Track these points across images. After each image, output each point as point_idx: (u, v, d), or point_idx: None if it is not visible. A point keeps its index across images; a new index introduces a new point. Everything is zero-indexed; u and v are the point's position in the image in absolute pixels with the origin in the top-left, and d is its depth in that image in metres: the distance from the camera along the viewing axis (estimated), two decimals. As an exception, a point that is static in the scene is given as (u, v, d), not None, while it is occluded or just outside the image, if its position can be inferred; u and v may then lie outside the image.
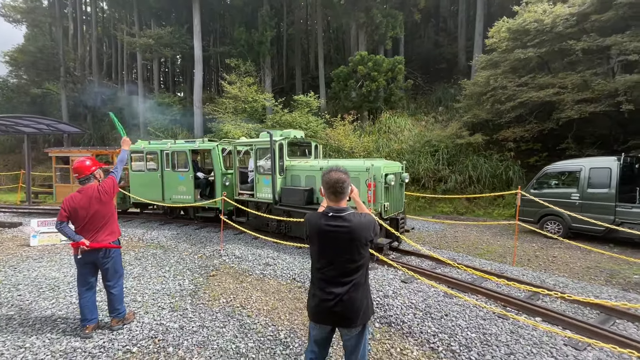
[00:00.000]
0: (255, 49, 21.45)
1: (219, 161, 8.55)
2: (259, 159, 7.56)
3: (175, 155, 9.07)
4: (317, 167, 6.88)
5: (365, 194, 5.84)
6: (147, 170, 9.51)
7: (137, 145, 9.85)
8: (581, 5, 10.51)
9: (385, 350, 3.38)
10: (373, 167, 5.83)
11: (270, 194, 7.22)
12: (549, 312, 3.83)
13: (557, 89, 11.08)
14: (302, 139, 7.96)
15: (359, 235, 2.05)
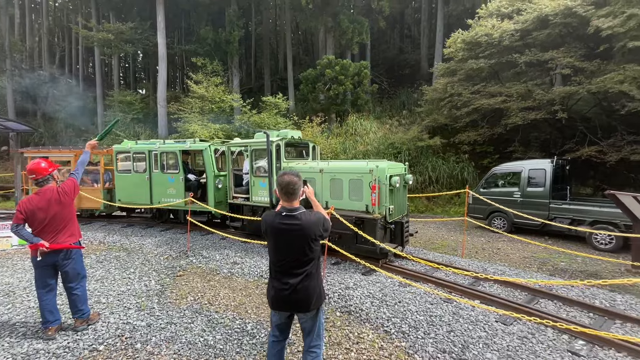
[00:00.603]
0: (223, 49, 21.19)
1: (212, 162, 8.17)
2: (254, 160, 7.20)
3: (164, 156, 8.68)
4: (317, 168, 6.48)
5: (368, 196, 5.64)
6: (134, 171, 9.09)
7: (123, 145, 9.46)
8: (524, 22, 11.68)
9: (344, 335, 3.72)
10: (377, 168, 5.57)
11: (266, 197, 6.83)
12: (485, 295, 4.39)
13: (504, 97, 12.19)
14: (300, 139, 7.59)
15: (309, 231, 2.33)
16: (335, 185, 6.15)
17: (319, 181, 6.37)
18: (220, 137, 15.08)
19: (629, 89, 9.34)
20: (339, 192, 6.10)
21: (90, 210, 9.99)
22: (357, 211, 5.75)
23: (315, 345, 2.53)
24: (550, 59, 11.28)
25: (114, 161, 9.28)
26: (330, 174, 6.22)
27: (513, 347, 3.32)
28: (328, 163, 6.56)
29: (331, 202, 6.11)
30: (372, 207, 5.58)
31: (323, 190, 6.31)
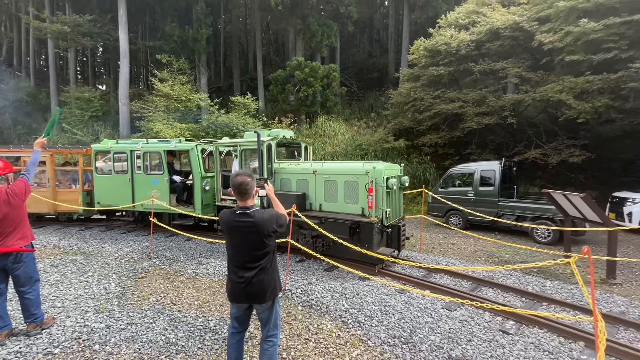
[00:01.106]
0: (190, 46, 20.69)
1: (199, 163, 7.86)
2: (244, 160, 6.92)
3: (147, 156, 8.26)
4: (310, 170, 6.20)
5: (364, 199, 5.44)
6: (114, 172, 8.60)
7: (103, 145, 8.93)
8: (478, 34, 12.59)
9: (304, 327, 3.92)
10: (374, 170, 5.36)
11: (257, 199, 6.80)
12: (435, 285, 4.80)
13: (462, 103, 13.05)
14: (291, 139, 7.32)
15: (262, 228, 2.50)
16: (329, 187, 5.94)
17: (312, 183, 6.16)
18: (187, 136, 14.76)
19: (567, 98, 10.41)
20: (333, 194, 5.89)
21: (68, 213, 9.37)
22: (353, 214, 5.55)
23: (272, 335, 2.71)
24: (501, 68, 12.25)
25: (93, 161, 8.80)
26: (324, 176, 5.98)
27: (454, 330, 3.70)
28: (322, 164, 6.27)
29: (325, 205, 5.98)
30: (369, 210, 5.38)
31: (317, 193, 6.12)
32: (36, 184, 9.47)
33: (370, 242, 5.18)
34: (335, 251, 5.49)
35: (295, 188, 6.38)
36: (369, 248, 5.10)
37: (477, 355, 3.24)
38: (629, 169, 12.71)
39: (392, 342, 3.54)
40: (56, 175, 9.33)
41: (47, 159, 9.08)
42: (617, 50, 9.66)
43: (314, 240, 5.85)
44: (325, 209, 6.00)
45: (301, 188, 6.30)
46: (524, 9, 12.05)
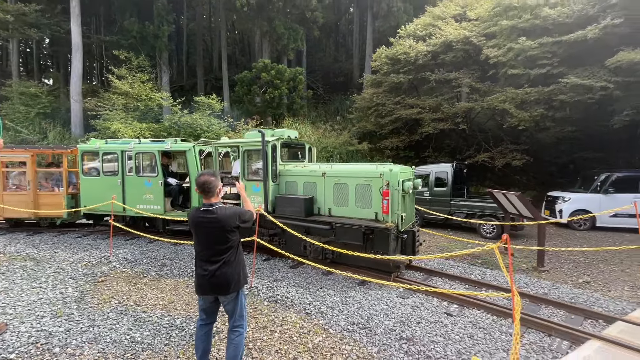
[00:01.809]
0: (150, 43, 19.91)
1: (196, 165, 7.46)
2: (246, 162, 6.45)
3: (140, 157, 7.78)
4: (319, 172, 5.83)
5: (378, 203, 5.14)
6: (103, 174, 8.06)
7: (90, 145, 8.29)
8: (434, 45, 13.54)
9: (270, 320, 4.13)
10: (391, 172, 5.06)
11: (261, 203, 6.19)
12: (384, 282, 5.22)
13: (419, 109, 13.93)
14: (296, 139, 6.95)
15: (224, 223, 2.69)
16: (339, 190, 5.62)
17: (320, 186, 5.84)
18: (147, 136, 14.25)
19: (509, 108, 11.57)
20: (343, 198, 5.57)
21: (50, 218, 8.65)
22: (366, 219, 5.24)
23: (238, 325, 2.89)
24: (454, 78, 13.29)
25: (79, 162, 8.21)
26: (333, 179, 5.67)
27: (406, 315, 4.12)
28: (331, 166, 5.96)
29: (335, 209, 5.68)
30: (383, 215, 5.06)
31: (326, 196, 5.79)
32: (15, 186, 8.76)
33: (386, 249, 4.87)
34: (346, 259, 5.20)
35: (302, 191, 6.01)
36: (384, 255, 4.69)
37: (424, 335, 3.67)
38: (564, 171, 14.35)
39: (351, 328, 3.87)
40: (37, 177, 8.62)
41: (27, 159, 8.39)
42: (550, 67, 10.95)
43: (323, 248, 5.51)
44: (335, 213, 5.66)
45: (309, 191, 5.94)
46: (473, 25, 13.18)
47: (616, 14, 9.78)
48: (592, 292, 5.11)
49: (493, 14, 12.49)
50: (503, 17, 11.97)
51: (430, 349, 3.42)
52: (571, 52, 10.82)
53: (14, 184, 8.87)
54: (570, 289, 5.13)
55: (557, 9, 10.77)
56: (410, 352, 3.39)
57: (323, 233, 5.49)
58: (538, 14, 11.09)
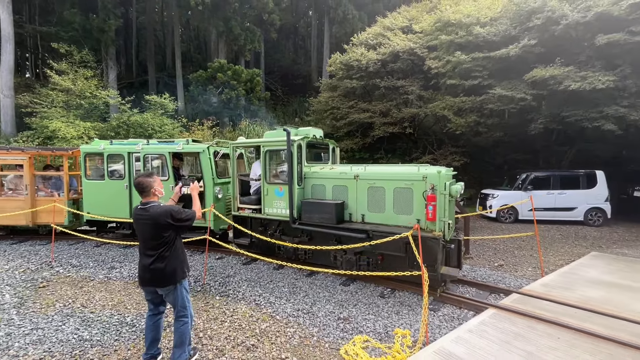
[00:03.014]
0: (95, 36, 18.72)
1: (211, 167, 6.87)
2: (268, 163, 5.96)
3: (149, 160, 7.24)
4: (351, 174, 5.32)
5: (422, 209, 4.60)
6: (108, 178, 7.47)
7: (94, 146, 7.66)
8: (383, 54, 14.51)
9: (221, 312, 4.40)
10: (439, 175, 4.52)
11: (284, 209, 5.69)
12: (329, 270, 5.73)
13: (371, 114, 14.82)
14: (321, 139, 6.36)
15: (157, 220, 2.93)
16: (374, 195, 5.11)
17: (352, 190, 5.31)
18: (93, 136, 13.49)
19: (448, 114, 12.81)
20: (379, 203, 5.07)
21: (49, 226, 7.78)
22: (406, 227, 4.68)
23: (181, 315, 3.13)
24: (401, 85, 14.35)
25: (82, 165, 7.61)
26: (368, 182, 5.17)
27: (345, 299, 4.63)
28: (365, 168, 5.42)
29: (369, 216, 5.18)
30: (427, 222, 4.55)
31: (358, 201, 5.27)
32: (10, 191, 7.94)
33: (433, 261, 4.37)
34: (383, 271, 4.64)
35: (331, 196, 5.51)
36: (430, 268, 4.32)
37: (359, 314, 4.20)
38: (499, 171, 16.12)
39: (296, 314, 4.28)
40: (35, 181, 7.86)
41: (24, 162, 7.63)
42: (481, 79, 12.33)
43: (357, 258, 5.15)
44: (369, 220, 5.17)
45: (338, 196, 5.44)
46: (418, 37, 14.35)
47: (532, 35, 11.34)
48: (503, 273, 6.06)
49: (435, 29, 13.71)
50: (443, 32, 13.22)
51: (362, 325, 3.95)
52: (498, 66, 12.28)
53: (9, 189, 8.11)
54: (485, 271, 6.04)
55: (487, 28, 12.18)
56: (345, 329, 3.88)
57: (357, 242, 4.95)
58: (471, 32, 12.44)
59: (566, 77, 10.27)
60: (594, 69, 10.30)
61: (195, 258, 6.62)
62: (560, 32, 10.78)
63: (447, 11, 13.56)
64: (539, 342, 3.30)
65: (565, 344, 3.26)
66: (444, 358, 3.01)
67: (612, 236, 9.50)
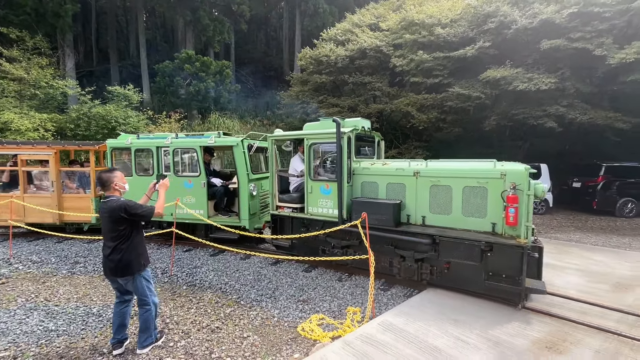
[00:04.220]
0: (49, 21, 17.57)
1: (245, 162, 6.40)
2: (312, 158, 5.40)
3: (179, 154, 6.80)
4: (409, 171, 4.79)
5: (499, 212, 4.10)
6: (136, 174, 7.02)
7: (120, 140, 7.21)
8: (351, 51, 14.90)
9: (188, 300, 4.64)
10: (521, 172, 4.00)
11: (332, 208, 5.20)
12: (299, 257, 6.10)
13: (339, 109, 15.23)
14: (369, 131, 5.83)
15: (112, 214, 3.13)
16: (438, 194, 4.58)
17: (411, 188, 4.78)
18: (50, 128, 12.86)
19: (412, 110, 13.49)
20: (444, 204, 4.54)
21: (76, 223, 7.46)
22: (478, 232, 4.25)
23: (143, 302, 3.33)
24: (369, 82, 14.85)
25: (108, 160, 7.27)
26: (430, 179, 4.63)
27: (306, 284, 5.02)
28: (426, 164, 4.84)
29: (431, 218, 4.65)
30: (506, 227, 4.02)
31: (418, 201, 4.74)
32: (35, 187, 7.50)
33: (517, 271, 3.86)
34: (449, 281, 4.42)
35: (385, 194, 5.00)
36: (511, 280, 3.90)
37: (317, 296, 4.61)
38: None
39: (259, 299, 4.61)
40: (61, 177, 7.39)
41: (50, 157, 7.17)
42: (442, 77, 13.08)
43: (419, 265, 4.64)
44: (431, 222, 4.65)
45: (393, 195, 4.94)
46: (384, 35, 14.86)
47: (487, 38, 12.18)
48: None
49: (400, 27, 14.27)
50: (407, 31, 13.80)
51: (320, 306, 4.36)
52: (457, 66, 13.08)
53: (33, 185, 7.72)
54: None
55: (447, 29, 12.89)
56: (304, 310, 4.27)
57: (419, 248, 4.56)
58: (433, 32, 13.11)
59: (515, 78, 11.19)
60: (539, 71, 11.29)
61: (162, 251, 6.73)
62: (511, 35, 11.68)
63: (412, 11, 14.16)
64: (464, 311, 3.86)
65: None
66: (386, 328, 3.47)
67: (551, 223, 10.62)
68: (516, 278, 3.87)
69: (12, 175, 7.77)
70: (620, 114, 11.02)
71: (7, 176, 7.83)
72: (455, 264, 4.33)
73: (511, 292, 3.93)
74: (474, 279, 4.16)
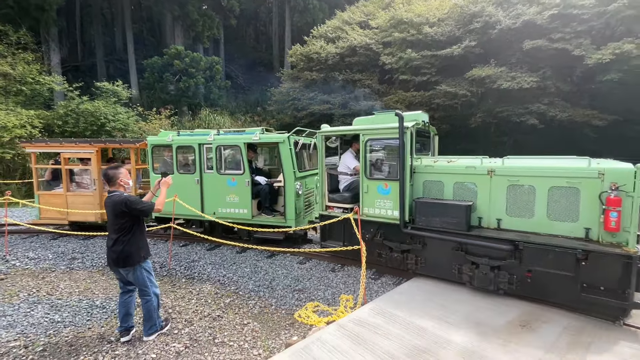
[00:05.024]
0: (33, 15, 17.14)
1: (291, 159, 6.14)
2: (367, 154, 5.01)
3: (221, 151, 6.56)
4: (483, 169, 4.34)
5: (594, 215, 3.66)
6: (178, 171, 6.90)
7: (162, 137, 7.06)
8: (342, 48, 15.11)
9: (188, 292, 4.84)
10: (628, 172, 3.50)
11: (391, 209, 4.83)
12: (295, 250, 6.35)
13: (330, 105, 15.45)
14: (428, 125, 5.50)
15: (115, 208, 3.31)
16: (518, 195, 4.11)
17: (483, 188, 4.33)
18: (37, 125, 12.69)
19: (400, 107, 13.81)
20: (525, 206, 4.08)
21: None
22: (568, 238, 3.83)
23: (144, 293, 3.50)
24: (358, 79, 15.11)
25: (149, 157, 7.14)
26: (507, 178, 4.16)
27: (301, 275, 5.28)
28: (502, 161, 4.35)
29: (508, 221, 4.19)
30: (603, 232, 3.61)
31: (492, 203, 4.28)
32: (76, 185, 7.50)
33: (622, 284, 3.41)
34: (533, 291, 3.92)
35: (452, 195, 4.59)
36: (612, 293, 3.44)
37: (312, 285, 4.87)
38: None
39: (257, 289, 4.85)
40: None
41: (92, 155, 7.11)
42: (430, 75, 13.45)
43: (496, 274, 4.08)
44: (509, 226, 4.19)
45: (462, 195, 4.52)
46: (374, 33, 15.12)
47: (472, 37, 12.58)
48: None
49: (389, 25, 14.55)
50: (396, 30, 14.09)
51: (315, 294, 4.63)
52: (444, 64, 13.46)
53: (75, 183, 7.70)
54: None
55: (434, 28, 13.23)
56: (300, 298, 4.54)
57: (495, 254, 4.06)
58: (421, 31, 13.43)
59: (499, 77, 11.63)
60: (522, 70, 11.76)
61: (159, 246, 6.87)
62: (496, 35, 12.10)
63: (401, 9, 14.45)
64: (450, 297, 4.18)
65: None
66: (377, 312, 3.76)
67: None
68: (621, 291, 3.40)
69: (54, 174, 7.91)
70: (597, 111, 11.59)
71: (50, 174, 7.95)
72: (540, 273, 3.84)
73: (614, 307, 3.45)
74: (564, 291, 3.69)
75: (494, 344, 3.13)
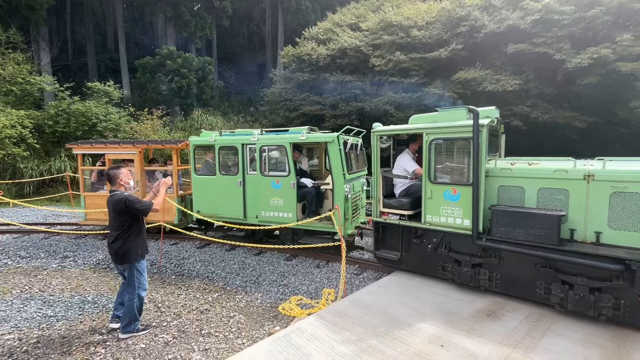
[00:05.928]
0: (23, 14, 17.06)
1: (341, 160, 5.74)
2: (433, 156, 4.49)
3: (266, 152, 6.26)
4: (577, 173, 3.71)
5: None
6: (220, 173, 6.70)
7: (203, 137, 6.91)
8: (333, 50, 15.34)
9: (177, 287, 5.03)
10: None
11: (461, 218, 4.28)
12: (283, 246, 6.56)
13: (321, 106, 15.67)
14: (500, 122, 5.02)
15: (115, 206, 3.50)
16: (624, 204, 3.48)
17: (578, 196, 3.71)
18: (28, 125, 12.70)
19: (390, 109, 14.11)
20: (634, 217, 3.44)
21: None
22: None
23: (130, 292, 3.63)
24: (349, 81, 15.35)
25: (191, 158, 7.03)
26: (611, 184, 3.54)
27: (287, 270, 5.50)
28: (603, 164, 3.74)
29: (609, 235, 3.56)
30: None
31: (589, 213, 3.65)
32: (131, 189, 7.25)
33: None
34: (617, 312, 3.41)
35: (535, 203, 3.98)
36: None
37: (297, 281, 5.10)
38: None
39: (244, 284, 5.06)
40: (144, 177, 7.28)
41: (135, 156, 7.04)
42: (418, 77, 13.75)
43: (596, 297, 3.49)
44: (611, 241, 3.56)
45: (548, 203, 3.90)
46: (364, 35, 15.37)
47: (459, 40, 12.91)
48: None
49: (379, 28, 14.81)
50: (386, 32, 14.36)
51: (299, 289, 4.85)
52: (432, 66, 13.77)
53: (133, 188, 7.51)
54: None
55: (422, 31, 13.53)
56: (285, 292, 4.76)
57: (596, 274, 3.50)
58: (410, 33, 13.72)
59: (484, 79, 11.98)
60: (506, 73, 12.12)
61: (150, 244, 6.97)
62: (481, 39, 12.44)
63: (390, 12, 14.72)
64: (428, 290, 4.44)
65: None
66: (355, 304, 4.00)
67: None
68: None
69: (99, 175, 7.90)
70: (577, 113, 12.00)
71: (95, 176, 7.94)
72: None
73: None
74: None
75: (460, 330, 3.39)
